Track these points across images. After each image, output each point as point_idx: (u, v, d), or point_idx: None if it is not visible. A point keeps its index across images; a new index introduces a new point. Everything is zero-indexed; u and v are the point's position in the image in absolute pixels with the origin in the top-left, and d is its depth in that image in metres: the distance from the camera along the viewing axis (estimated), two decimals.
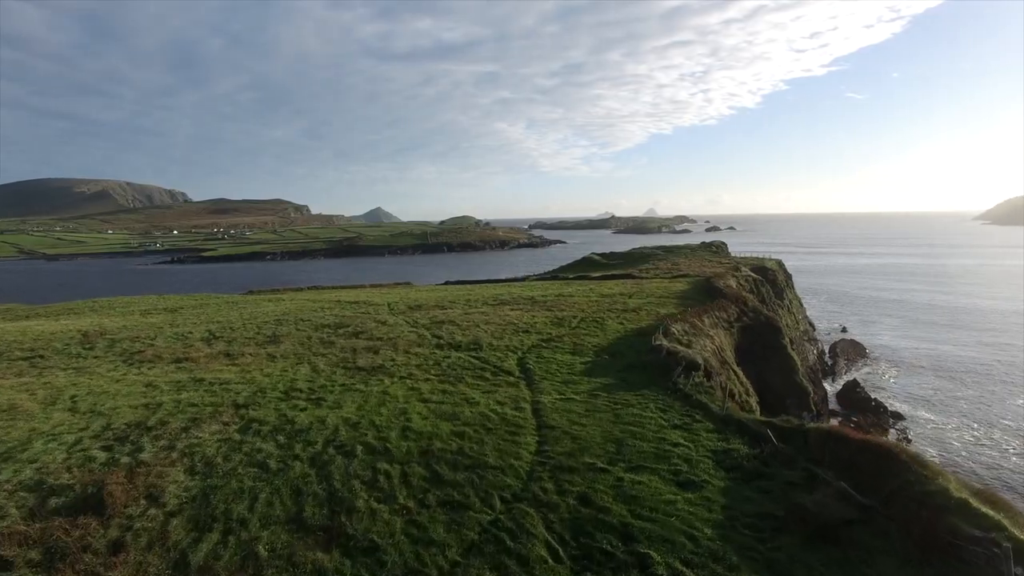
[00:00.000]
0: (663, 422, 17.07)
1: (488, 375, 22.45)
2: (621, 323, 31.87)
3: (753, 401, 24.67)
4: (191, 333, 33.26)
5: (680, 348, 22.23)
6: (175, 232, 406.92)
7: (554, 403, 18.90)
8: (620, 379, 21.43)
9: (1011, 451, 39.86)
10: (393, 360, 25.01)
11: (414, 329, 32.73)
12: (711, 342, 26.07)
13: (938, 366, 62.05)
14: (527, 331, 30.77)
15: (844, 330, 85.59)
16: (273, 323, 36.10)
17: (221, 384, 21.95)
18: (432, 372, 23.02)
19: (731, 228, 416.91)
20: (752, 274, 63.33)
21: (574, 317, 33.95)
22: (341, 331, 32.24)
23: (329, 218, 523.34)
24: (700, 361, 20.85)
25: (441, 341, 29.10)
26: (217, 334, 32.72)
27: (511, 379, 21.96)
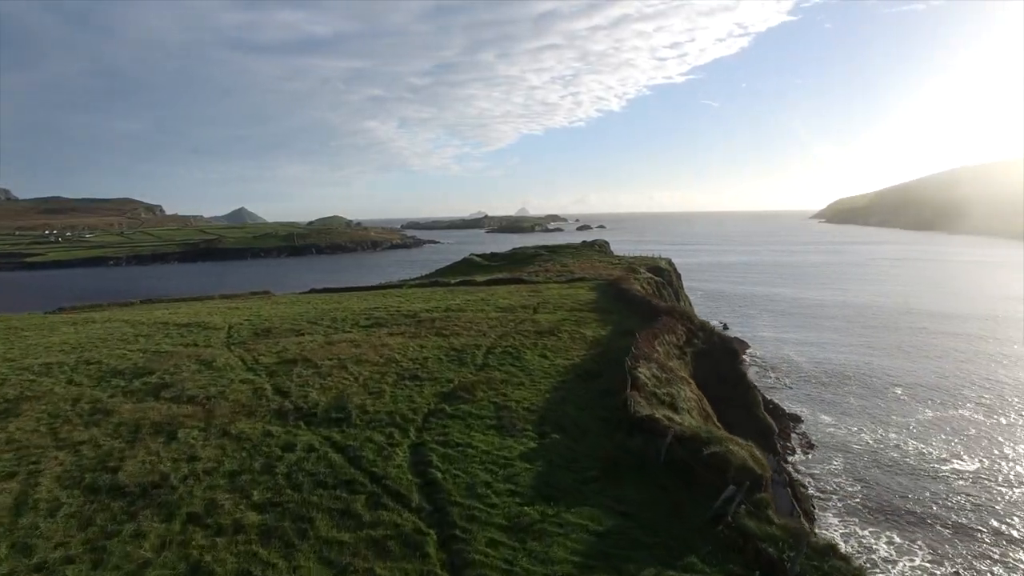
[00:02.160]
0: None
1: (360, 509, 11.95)
2: (543, 355, 23.64)
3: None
4: None
5: (675, 418, 14.34)
6: None
7: None
8: (615, 514, 11.66)
9: (911, 452, 38.03)
10: (192, 461, 14.43)
11: (250, 376, 22.50)
12: (689, 389, 18.66)
13: (819, 362, 60.59)
14: (417, 377, 21.53)
15: (726, 328, 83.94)
16: (38, 370, 24.40)
17: None
18: (254, 496, 12.61)
19: (601, 226, 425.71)
20: (651, 275, 58.37)
21: (476, 347, 25.41)
22: (136, 384, 21.20)
23: (186, 219, 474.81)
24: (744, 460, 12.00)
25: (286, 403, 19.11)
26: None
27: (406, 526, 11.44)
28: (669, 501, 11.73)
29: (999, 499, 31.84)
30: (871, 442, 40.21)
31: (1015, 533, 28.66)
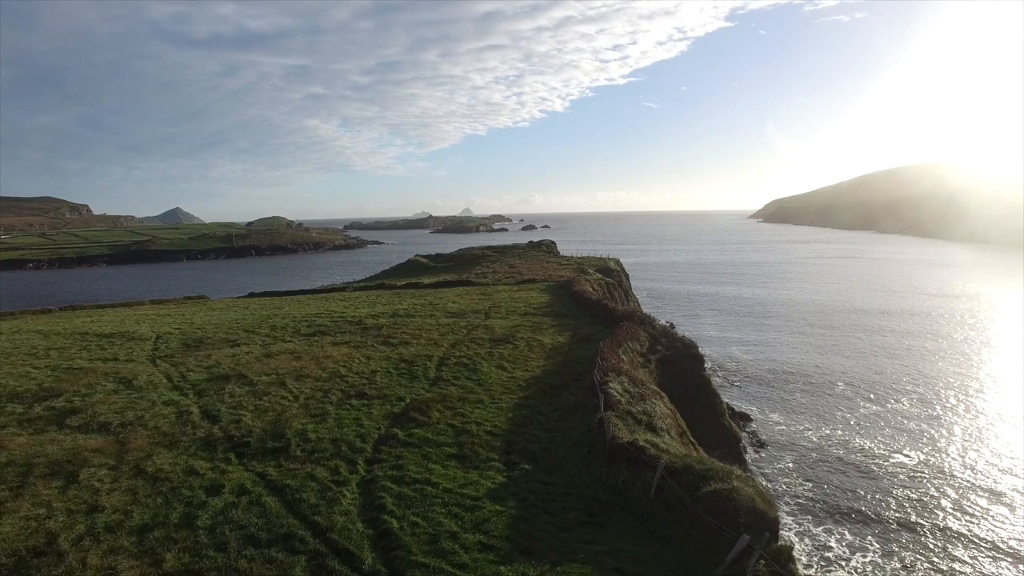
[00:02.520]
0: None
1: None
2: (501, 367, 21.98)
3: None
4: None
5: (659, 443, 12.65)
6: None
7: None
8: (610, 574, 9.72)
9: (856, 448, 38.42)
10: (91, 514, 11.70)
11: (176, 396, 19.87)
12: (663, 403, 17.13)
13: (764, 361, 61.23)
14: (364, 395, 19.45)
15: (673, 327, 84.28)
16: None
17: None
18: (166, 562, 9.90)
19: (545, 226, 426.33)
20: (601, 276, 57.54)
21: (428, 357, 23.46)
22: (37, 410, 18.37)
23: (116, 219, 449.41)
24: (751, 500, 10.12)
25: (215, 429, 16.74)
26: None
27: None
28: (670, 554, 9.96)
29: (939, 492, 32.23)
30: (818, 440, 40.37)
31: (954, 525, 29.01)
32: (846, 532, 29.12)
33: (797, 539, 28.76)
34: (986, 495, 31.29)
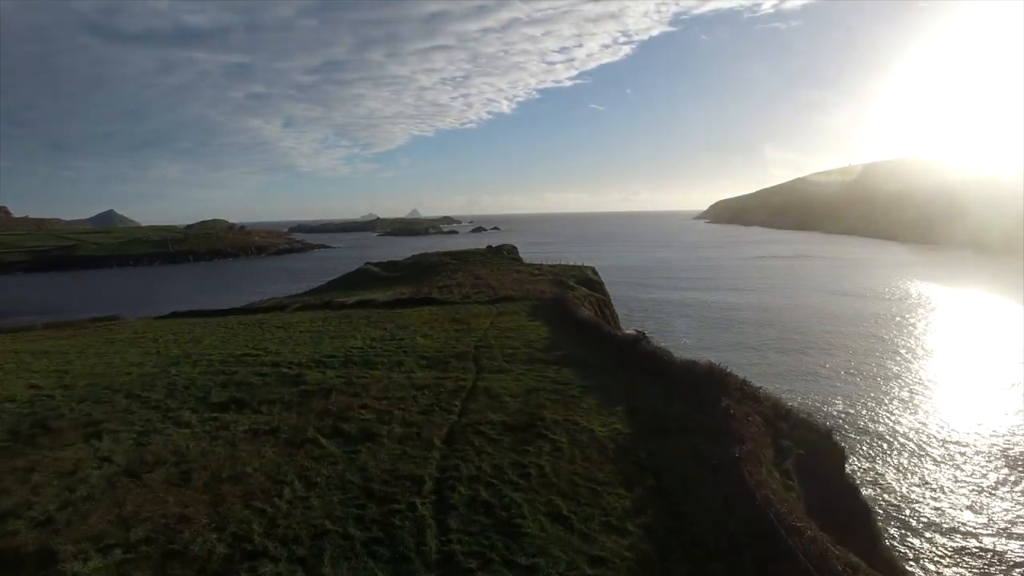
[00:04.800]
0: None
1: None
2: (555, 513, 11.50)
3: None
4: None
5: None
6: None
7: None
8: None
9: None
10: None
11: None
12: None
13: (756, 375, 53.67)
14: None
15: (644, 336, 76.05)
16: None
17: None
18: None
19: (495, 228, 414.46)
20: (588, 292, 48.27)
21: (412, 481, 12.53)
22: None
23: (40, 222, 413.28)
24: None
25: None
26: None
27: None
28: None
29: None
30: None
31: None
32: None
33: None
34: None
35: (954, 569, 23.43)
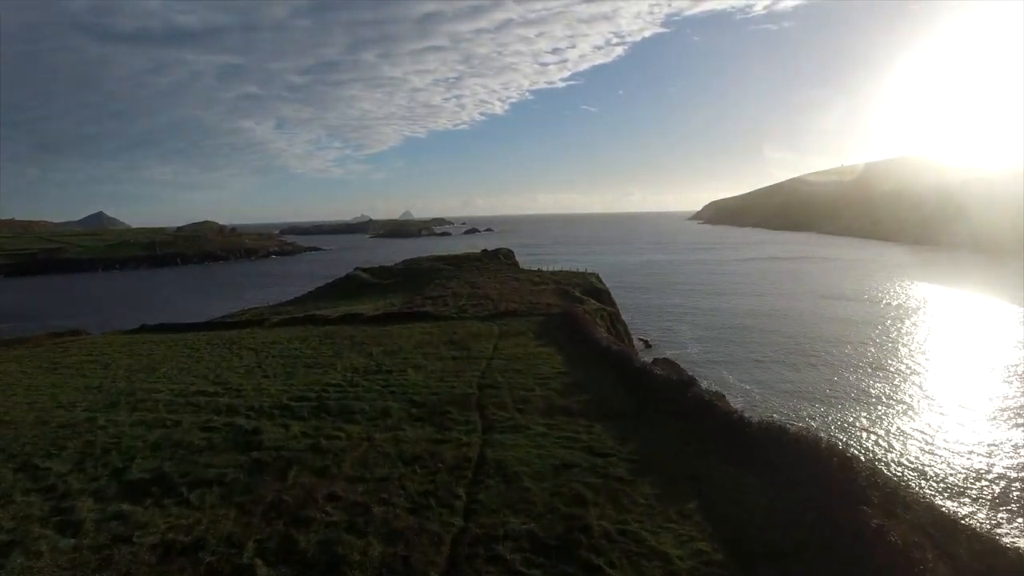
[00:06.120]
0: None
1: None
2: None
3: None
4: None
5: None
6: None
7: None
8: None
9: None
10: None
11: None
12: None
13: (771, 390, 48.41)
14: None
15: (649, 345, 70.37)
16: None
17: None
18: None
19: (489, 229, 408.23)
20: (599, 305, 42.96)
21: None
22: None
23: (25, 224, 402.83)
24: None
25: None
26: None
27: None
28: None
29: None
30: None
31: None
32: None
33: None
34: None
35: None
